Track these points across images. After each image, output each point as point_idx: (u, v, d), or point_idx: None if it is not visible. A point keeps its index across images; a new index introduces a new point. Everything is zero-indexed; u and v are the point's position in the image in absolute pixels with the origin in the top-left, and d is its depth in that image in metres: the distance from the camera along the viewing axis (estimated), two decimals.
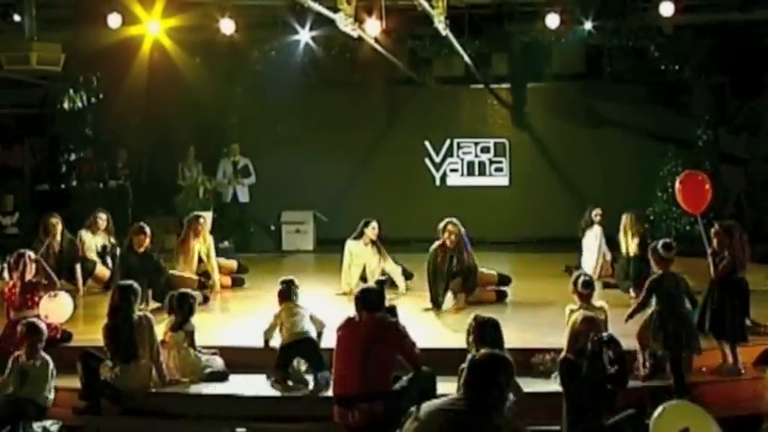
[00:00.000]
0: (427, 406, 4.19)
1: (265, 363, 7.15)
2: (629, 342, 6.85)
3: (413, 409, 4.27)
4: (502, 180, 15.55)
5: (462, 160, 15.69)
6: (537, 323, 8.48)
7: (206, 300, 9.75)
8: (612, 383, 6.06)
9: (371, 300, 6.38)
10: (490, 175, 15.60)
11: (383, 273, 10.00)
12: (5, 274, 8.17)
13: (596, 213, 11.01)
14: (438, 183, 15.73)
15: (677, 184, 8.79)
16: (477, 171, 15.65)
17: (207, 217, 13.68)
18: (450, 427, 4.03)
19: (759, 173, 14.31)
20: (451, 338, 8.01)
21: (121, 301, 7.01)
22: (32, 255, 8.15)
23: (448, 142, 15.65)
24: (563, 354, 6.08)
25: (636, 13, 12.99)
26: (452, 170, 15.70)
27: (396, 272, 10.17)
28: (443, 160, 15.71)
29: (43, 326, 6.99)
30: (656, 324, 6.86)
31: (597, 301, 7.30)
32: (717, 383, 6.97)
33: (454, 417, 4.04)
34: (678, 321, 6.84)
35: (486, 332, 5.94)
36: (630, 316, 7.17)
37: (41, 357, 6.79)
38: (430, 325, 8.54)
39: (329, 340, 7.21)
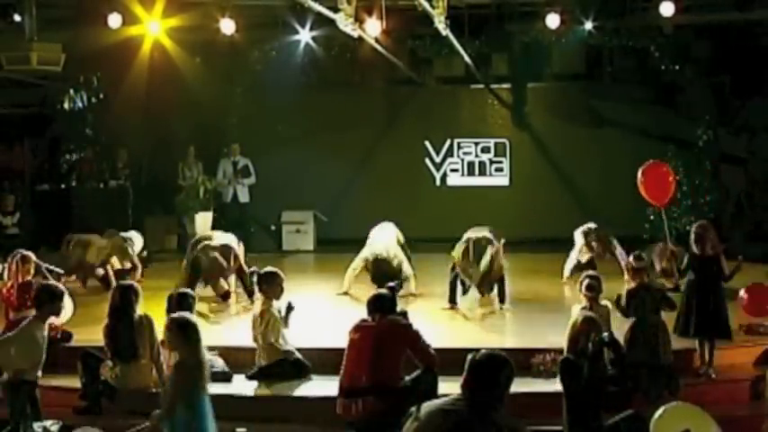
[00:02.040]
0: (427, 406, 4.19)
1: None
2: None
3: (413, 409, 4.27)
4: (502, 180, 15.55)
5: (462, 160, 15.68)
6: (537, 323, 8.48)
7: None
8: (613, 384, 6.06)
9: (384, 304, 6.52)
10: (490, 175, 15.60)
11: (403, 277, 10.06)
12: (5, 275, 8.17)
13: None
14: (438, 183, 15.72)
15: (639, 176, 8.80)
16: (477, 171, 15.64)
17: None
18: (450, 427, 4.03)
19: (759, 173, 14.31)
20: (453, 338, 8.03)
21: (122, 301, 7.00)
22: (30, 255, 8.15)
23: (448, 142, 15.64)
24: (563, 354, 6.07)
25: (636, 13, 12.99)
26: (453, 170, 15.69)
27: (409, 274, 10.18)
28: (444, 160, 15.70)
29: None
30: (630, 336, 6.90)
31: (603, 300, 7.28)
32: (717, 383, 6.96)
33: (454, 417, 4.04)
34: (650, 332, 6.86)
35: (188, 333, 5.62)
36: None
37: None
38: (437, 325, 8.52)
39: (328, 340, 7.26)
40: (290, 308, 7.34)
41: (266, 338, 7.14)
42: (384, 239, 10.08)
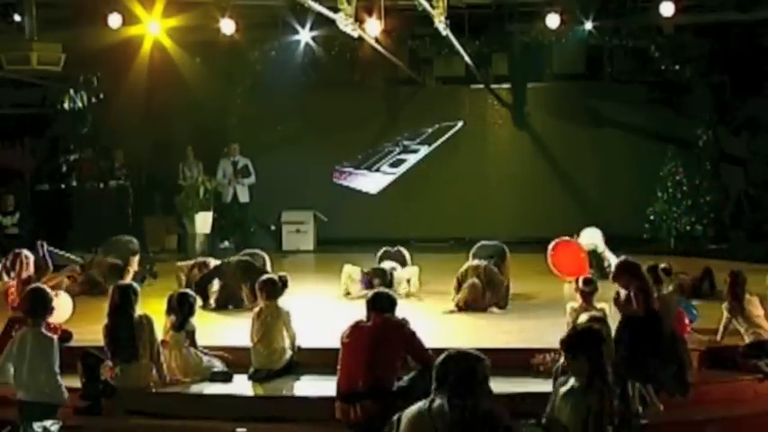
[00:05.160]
0: (407, 413, 4.18)
1: None
2: None
3: (395, 418, 4.27)
4: (502, 180, 15.54)
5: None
6: (537, 323, 8.47)
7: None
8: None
9: (382, 302, 6.46)
10: (490, 174, 15.60)
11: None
12: (5, 276, 8.16)
13: None
14: (438, 182, 15.72)
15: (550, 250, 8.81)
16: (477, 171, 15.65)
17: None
18: (447, 427, 4.02)
19: (759, 173, 14.32)
20: (452, 338, 8.02)
21: (122, 300, 6.99)
22: (27, 253, 8.15)
23: None
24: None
25: (636, 13, 13.01)
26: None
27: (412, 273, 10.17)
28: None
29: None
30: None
31: (599, 303, 7.22)
32: (718, 383, 6.94)
33: (434, 418, 4.03)
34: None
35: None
36: None
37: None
38: (436, 325, 8.52)
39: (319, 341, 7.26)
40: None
41: (273, 339, 7.14)
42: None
